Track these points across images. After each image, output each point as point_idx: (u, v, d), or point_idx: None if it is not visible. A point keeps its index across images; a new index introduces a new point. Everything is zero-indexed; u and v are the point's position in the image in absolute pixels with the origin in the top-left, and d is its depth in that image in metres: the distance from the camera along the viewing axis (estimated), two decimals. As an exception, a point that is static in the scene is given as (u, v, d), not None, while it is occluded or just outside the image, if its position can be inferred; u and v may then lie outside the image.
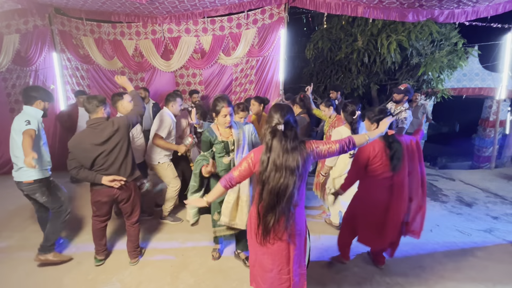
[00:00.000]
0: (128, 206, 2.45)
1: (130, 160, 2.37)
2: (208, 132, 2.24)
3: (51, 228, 2.49)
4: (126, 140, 2.32)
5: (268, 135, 1.55)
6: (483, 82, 6.44)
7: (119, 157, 2.29)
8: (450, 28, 5.08)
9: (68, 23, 4.94)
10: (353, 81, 5.49)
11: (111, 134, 2.23)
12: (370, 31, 4.92)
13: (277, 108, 1.58)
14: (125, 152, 2.32)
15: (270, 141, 1.54)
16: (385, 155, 2.10)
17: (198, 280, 2.32)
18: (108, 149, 2.23)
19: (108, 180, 2.22)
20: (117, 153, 2.27)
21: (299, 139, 1.56)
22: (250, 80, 5.00)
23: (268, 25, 4.67)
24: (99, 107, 2.27)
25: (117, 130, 2.26)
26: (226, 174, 1.69)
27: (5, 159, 5.17)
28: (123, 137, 2.29)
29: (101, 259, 2.56)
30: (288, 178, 1.48)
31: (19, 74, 5.04)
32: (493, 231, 3.05)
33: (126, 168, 2.34)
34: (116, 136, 2.26)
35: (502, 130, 6.88)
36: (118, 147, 2.27)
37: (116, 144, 2.26)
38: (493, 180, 4.77)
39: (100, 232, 2.51)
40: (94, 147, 2.19)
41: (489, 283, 2.25)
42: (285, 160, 1.49)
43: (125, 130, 2.30)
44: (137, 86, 5.24)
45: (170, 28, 4.92)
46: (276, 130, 1.53)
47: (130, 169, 2.37)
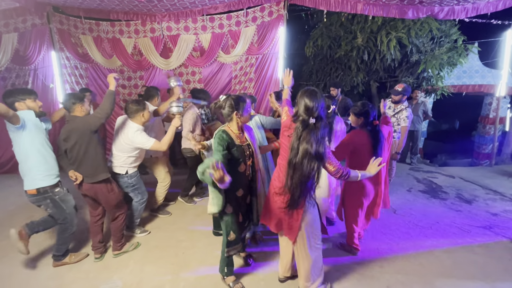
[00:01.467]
0: (102, 204, 2.55)
1: (90, 161, 2.37)
2: (225, 134, 1.94)
3: (60, 240, 2.47)
4: (84, 142, 2.33)
5: (300, 126, 1.67)
6: (483, 79, 6.43)
7: (78, 157, 2.36)
8: (450, 25, 5.06)
9: (67, 22, 4.92)
10: (353, 78, 5.47)
11: (69, 132, 2.33)
12: (369, 28, 4.90)
13: (310, 97, 1.69)
14: (83, 153, 2.34)
15: (300, 132, 1.66)
16: (370, 144, 2.27)
17: (199, 278, 2.33)
18: (69, 146, 2.35)
19: (69, 174, 2.38)
20: (76, 152, 2.35)
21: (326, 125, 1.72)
22: (250, 78, 4.99)
23: (268, 22, 4.65)
24: (75, 105, 2.36)
25: (72, 130, 2.32)
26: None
27: (5, 158, 5.17)
28: (80, 138, 2.32)
29: (96, 257, 2.59)
30: (317, 164, 1.66)
31: (18, 73, 5.03)
32: (492, 228, 3.06)
33: (86, 168, 2.38)
34: (73, 136, 2.32)
35: (502, 127, 6.88)
36: (76, 146, 2.34)
37: (74, 143, 2.33)
38: (492, 177, 4.77)
39: (94, 228, 2.60)
40: (61, 142, 2.37)
41: (488, 280, 2.26)
42: (316, 149, 1.63)
43: (83, 130, 2.32)
44: (137, 85, 5.23)
45: (169, 26, 4.90)
46: (307, 123, 1.65)
47: (90, 171, 2.38)
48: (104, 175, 2.44)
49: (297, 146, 1.67)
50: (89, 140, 2.34)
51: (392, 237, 2.87)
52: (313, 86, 6.11)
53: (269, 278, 2.31)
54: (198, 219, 3.31)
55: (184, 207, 3.65)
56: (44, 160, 2.30)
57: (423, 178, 4.69)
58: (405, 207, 3.56)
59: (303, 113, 1.70)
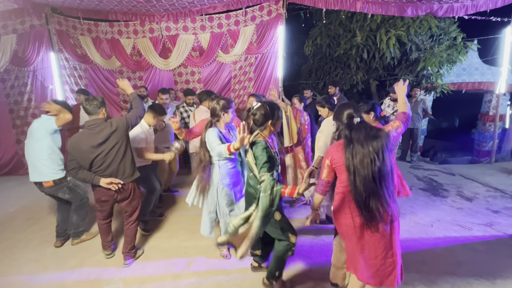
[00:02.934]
0: (128, 206, 2.47)
1: (128, 161, 2.37)
2: (266, 143, 1.84)
3: (79, 217, 2.81)
4: (124, 141, 2.31)
5: (346, 130, 1.68)
6: (482, 76, 6.42)
7: (117, 159, 2.28)
8: (449, 22, 5.06)
9: (65, 23, 4.91)
10: (352, 77, 5.48)
11: (109, 135, 2.23)
12: (369, 27, 4.90)
13: (347, 106, 1.81)
14: (123, 153, 2.31)
15: (349, 134, 1.66)
16: None
17: (200, 279, 2.33)
18: (105, 151, 2.23)
19: (106, 182, 2.24)
20: (115, 154, 2.27)
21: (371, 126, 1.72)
22: (249, 77, 4.98)
23: (267, 22, 4.64)
24: (100, 108, 2.28)
25: (115, 131, 2.25)
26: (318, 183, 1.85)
27: (5, 160, 5.17)
28: (121, 138, 2.28)
29: (108, 253, 2.64)
30: (379, 161, 1.56)
31: (17, 75, 5.02)
32: (493, 225, 3.06)
33: (124, 169, 2.34)
34: (114, 137, 2.25)
35: (502, 124, 6.88)
36: (115, 148, 2.26)
37: (113, 145, 2.25)
38: (493, 174, 4.77)
39: (105, 229, 2.59)
40: (91, 149, 2.20)
41: (489, 277, 2.26)
42: (371, 145, 1.58)
43: (123, 131, 2.29)
44: (136, 85, 5.23)
45: (168, 26, 4.89)
46: (352, 124, 1.69)
47: (129, 170, 2.37)
48: (137, 173, 2.48)
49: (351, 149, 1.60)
50: (127, 139, 2.36)
51: (393, 235, 2.87)
52: (312, 85, 6.12)
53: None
54: (199, 219, 3.30)
55: (186, 208, 3.65)
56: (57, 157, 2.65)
57: (423, 176, 4.69)
58: (405, 205, 3.56)
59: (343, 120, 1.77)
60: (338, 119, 1.83)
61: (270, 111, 1.87)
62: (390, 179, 1.59)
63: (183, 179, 4.60)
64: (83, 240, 2.87)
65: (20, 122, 5.05)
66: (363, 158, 1.56)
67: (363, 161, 1.56)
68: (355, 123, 1.69)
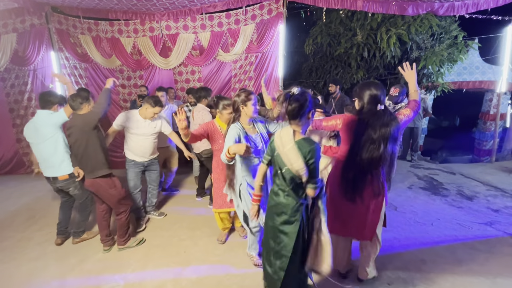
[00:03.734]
0: (104, 201, 2.62)
1: (90, 158, 2.46)
2: None
3: (81, 217, 2.87)
4: (84, 138, 2.42)
5: (367, 113, 1.74)
6: (483, 75, 6.41)
7: (79, 153, 2.46)
8: (450, 21, 5.04)
9: (65, 22, 4.91)
10: (353, 76, 5.46)
11: (70, 130, 2.45)
12: (369, 25, 4.88)
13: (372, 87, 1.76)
14: (83, 149, 2.43)
15: (367, 119, 1.73)
16: None
17: (201, 276, 2.34)
18: (70, 143, 2.50)
19: (74, 169, 2.57)
20: (77, 148, 2.46)
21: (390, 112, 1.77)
22: (249, 76, 4.98)
23: (267, 20, 4.63)
24: (83, 104, 2.46)
25: (72, 127, 2.43)
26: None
27: (5, 159, 5.18)
28: (80, 135, 2.42)
29: (106, 248, 2.69)
30: (382, 148, 1.69)
31: (17, 74, 5.02)
32: (493, 224, 3.06)
33: (86, 164, 2.49)
34: (74, 133, 2.43)
35: (503, 123, 6.86)
36: (77, 143, 2.45)
37: (75, 140, 2.44)
38: (493, 173, 4.77)
39: (102, 223, 2.68)
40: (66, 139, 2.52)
41: (489, 276, 2.27)
42: (382, 133, 1.68)
43: (79, 128, 2.41)
44: (136, 84, 5.23)
45: (168, 25, 4.89)
46: (375, 110, 1.72)
47: (90, 166, 2.47)
48: (104, 171, 2.50)
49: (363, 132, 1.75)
50: (88, 137, 2.42)
51: (393, 234, 2.87)
52: (312, 84, 6.11)
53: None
54: (200, 218, 3.32)
55: (187, 207, 3.65)
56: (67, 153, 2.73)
57: (423, 175, 4.69)
58: (406, 204, 3.56)
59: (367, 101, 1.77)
60: (359, 96, 1.82)
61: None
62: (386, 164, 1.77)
63: (184, 178, 4.61)
64: (84, 239, 2.91)
65: (20, 121, 5.04)
66: (369, 143, 1.70)
67: (369, 146, 1.70)
68: (378, 109, 1.73)
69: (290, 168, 1.50)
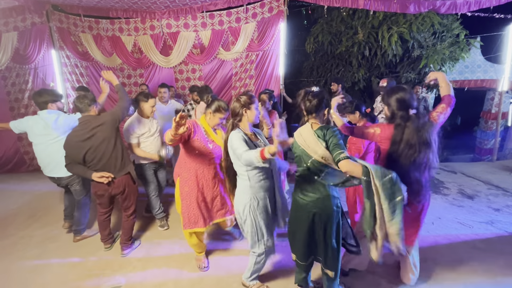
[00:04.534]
0: (123, 200, 2.54)
1: (119, 155, 2.40)
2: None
3: (80, 214, 2.85)
4: (113, 136, 2.36)
5: (399, 119, 1.74)
6: (485, 74, 6.38)
7: (106, 153, 2.34)
8: (452, 19, 5.01)
9: (66, 20, 4.90)
10: (354, 74, 5.45)
11: (95, 130, 2.29)
12: (371, 24, 4.86)
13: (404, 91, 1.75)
14: (112, 147, 2.36)
15: (403, 124, 1.72)
16: None
17: (202, 275, 2.34)
18: (94, 145, 2.30)
19: (97, 176, 2.31)
20: (104, 148, 2.32)
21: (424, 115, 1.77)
22: (250, 75, 4.97)
23: (268, 18, 4.62)
24: (91, 106, 2.37)
25: (101, 125, 2.31)
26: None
27: (7, 157, 5.19)
28: (109, 133, 2.33)
29: (107, 246, 2.71)
30: (422, 153, 1.69)
31: (18, 72, 5.02)
32: (494, 223, 3.06)
33: (115, 163, 2.39)
34: (101, 132, 2.31)
35: (504, 122, 6.84)
36: (104, 142, 2.32)
37: (102, 140, 2.31)
38: (494, 172, 4.76)
39: (103, 223, 2.65)
40: (80, 144, 2.28)
41: (490, 274, 2.27)
42: (418, 137, 1.68)
43: (110, 125, 2.34)
44: (137, 83, 5.22)
45: (169, 23, 4.88)
46: (408, 115, 1.71)
47: (120, 164, 2.41)
48: (131, 166, 2.51)
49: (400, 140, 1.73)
50: (116, 133, 2.39)
51: (394, 233, 2.87)
52: (313, 82, 6.10)
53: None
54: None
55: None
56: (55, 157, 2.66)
57: (424, 174, 4.68)
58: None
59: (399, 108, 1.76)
60: (388, 103, 1.82)
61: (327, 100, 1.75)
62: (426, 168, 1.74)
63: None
64: (85, 237, 2.93)
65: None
66: (407, 149, 1.69)
67: (407, 152, 1.69)
68: (411, 114, 1.72)
69: (316, 158, 1.60)
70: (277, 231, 2.34)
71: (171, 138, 1.85)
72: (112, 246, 2.74)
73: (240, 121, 1.87)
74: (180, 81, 5.24)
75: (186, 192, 2.24)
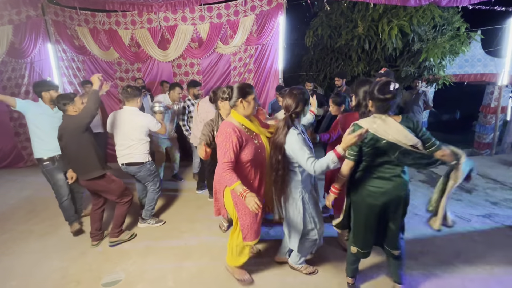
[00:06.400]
0: (105, 197, 2.65)
1: (82, 160, 2.43)
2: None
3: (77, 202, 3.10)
4: (74, 141, 2.39)
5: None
6: (485, 68, 6.34)
7: (71, 155, 2.44)
8: (453, 12, 4.95)
9: (62, 13, 4.83)
10: (354, 68, 5.40)
11: (60, 132, 2.40)
12: (371, 17, 4.80)
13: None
14: (75, 152, 2.40)
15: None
16: None
17: (201, 269, 2.36)
18: (62, 146, 2.45)
19: (68, 174, 2.62)
20: (68, 151, 2.44)
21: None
22: (249, 69, 4.93)
23: (267, 12, 4.56)
24: (67, 105, 2.43)
25: (63, 129, 2.39)
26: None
27: (4, 153, 5.17)
28: (70, 138, 2.38)
29: (93, 243, 2.68)
30: None
31: (14, 67, 4.97)
32: (492, 217, 3.08)
33: (78, 166, 2.46)
34: (64, 136, 2.39)
35: (503, 116, 6.83)
36: (68, 145, 2.41)
37: (65, 143, 2.40)
38: (493, 166, 4.78)
39: (94, 216, 2.68)
40: (58, 142, 2.45)
41: (487, 267, 2.29)
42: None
43: (73, 129, 2.38)
44: (134, 77, 5.18)
45: (166, 16, 4.81)
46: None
47: (84, 169, 2.44)
48: (98, 172, 2.46)
49: None
50: (78, 139, 2.39)
51: (393, 227, 2.88)
52: (313, 76, 6.06)
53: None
54: (200, 211, 3.33)
55: (186, 199, 3.67)
56: (38, 138, 2.73)
57: (423, 168, 4.69)
58: (405, 197, 3.57)
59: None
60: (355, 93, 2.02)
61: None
62: None
63: (183, 171, 4.61)
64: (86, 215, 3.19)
65: (17, 115, 5.00)
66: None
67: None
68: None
69: (407, 147, 1.65)
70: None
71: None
72: (99, 243, 2.70)
73: (297, 118, 1.82)
74: (178, 76, 5.20)
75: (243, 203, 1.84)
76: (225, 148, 1.74)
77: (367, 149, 1.73)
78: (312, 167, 1.67)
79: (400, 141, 1.63)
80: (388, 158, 1.70)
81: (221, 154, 1.75)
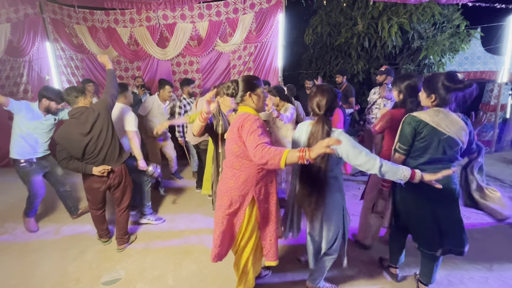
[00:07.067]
0: (119, 192, 2.52)
1: (116, 143, 2.40)
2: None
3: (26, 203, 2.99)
4: (110, 124, 2.35)
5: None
6: (485, 65, 6.33)
7: (106, 142, 2.34)
8: (452, 9, 4.95)
9: (60, 11, 4.80)
10: (353, 66, 5.40)
11: (94, 120, 2.27)
12: (370, 14, 4.80)
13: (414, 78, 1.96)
14: (111, 136, 2.36)
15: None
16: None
17: (201, 266, 2.36)
18: (95, 136, 2.28)
19: (98, 170, 2.31)
20: (104, 138, 2.32)
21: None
22: (249, 67, 4.91)
23: (266, 9, 4.54)
24: (78, 98, 2.32)
25: (99, 115, 2.29)
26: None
27: (3, 152, 5.15)
28: (105, 121, 2.32)
29: (105, 240, 2.69)
30: None
31: (12, 65, 4.94)
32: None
33: (114, 152, 2.39)
34: (99, 122, 2.29)
35: (503, 114, 6.83)
36: (103, 132, 2.31)
37: (101, 130, 2.30)
38: (492, 164, 4.78)
39: (99, 219, 2.62)
40: (81, 137, 2.24)
41: (486, 264, 2.30)
42: None
43: (105, 113, 2.33)
44: (133, 75, 5.16)
45: (165, 14, 4.79)
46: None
47: (118, 152, 2.41)
48: (126, 154, 2.49)
49: None
50: (109, 122, 2.35)
51: (392, 224, 2.89)
52: (312, 74, 6.05)
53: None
54: (200, 209, 3.33)
55: (186, 198, 3.67)
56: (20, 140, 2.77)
57: (423, 166, 4.69)
58: (405, 195, 3.57)
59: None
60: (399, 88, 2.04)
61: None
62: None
63: (182, 170, 4.61)
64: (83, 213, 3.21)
65: (17, 113, 4.99)
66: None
67: None
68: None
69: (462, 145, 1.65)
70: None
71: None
72: (110, 240, 2.73)
73: (331, 116, 1.59)
74: (177, 74, 5.19)
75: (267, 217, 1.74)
76: (257, 131, 1.41)
77: (422, 144, 1.63)
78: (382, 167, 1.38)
79: (460, 138, 1.62)
80: (441, 156, 1.64)
81: (254, 140, 1.38)
